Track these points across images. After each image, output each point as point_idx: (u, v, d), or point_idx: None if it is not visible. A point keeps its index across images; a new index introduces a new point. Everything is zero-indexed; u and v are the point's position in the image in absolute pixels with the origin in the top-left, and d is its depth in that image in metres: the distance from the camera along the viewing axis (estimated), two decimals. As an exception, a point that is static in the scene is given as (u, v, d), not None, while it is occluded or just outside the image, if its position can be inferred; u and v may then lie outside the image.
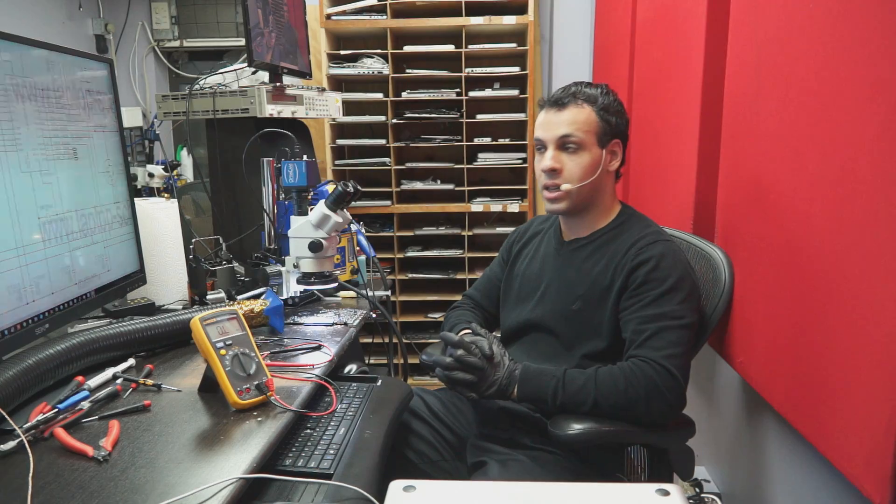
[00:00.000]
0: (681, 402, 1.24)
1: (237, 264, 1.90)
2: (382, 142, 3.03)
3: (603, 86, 1.42)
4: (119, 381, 1.22)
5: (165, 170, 2.52)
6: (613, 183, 1.44)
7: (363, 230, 2.07)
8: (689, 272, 1.34)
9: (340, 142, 3.08)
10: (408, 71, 3.03)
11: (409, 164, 3.07)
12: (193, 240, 1.85)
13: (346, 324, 1.63)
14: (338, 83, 3.14)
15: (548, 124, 1.38)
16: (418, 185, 3.07)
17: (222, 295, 1.73)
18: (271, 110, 2.02)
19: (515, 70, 2.95)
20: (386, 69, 2.95)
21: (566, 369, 1.27)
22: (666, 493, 0.84)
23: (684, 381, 1.24)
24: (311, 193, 1.76)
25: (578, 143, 1.35)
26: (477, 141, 3.01)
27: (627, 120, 1.43)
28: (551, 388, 1.25)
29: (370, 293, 1.78)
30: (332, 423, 1.22)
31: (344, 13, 2.95)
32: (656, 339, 1.24)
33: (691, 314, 1.29)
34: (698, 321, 1.34)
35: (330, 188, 1.63)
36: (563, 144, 1.36)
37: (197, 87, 2.13)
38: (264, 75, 2.15)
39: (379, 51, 2.97)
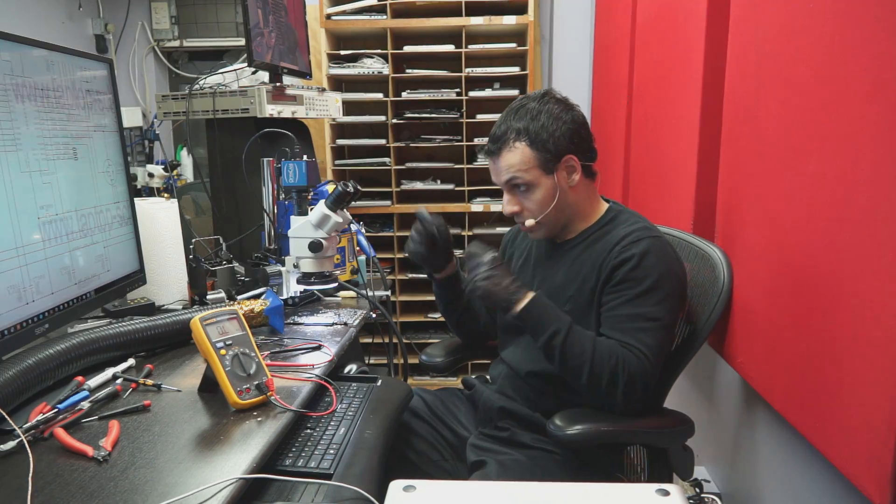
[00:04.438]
0: (645, 396, 1.25)
1: (237, 264, 1.90)
2: (382, 142, 3.03)
3: (535, 102, 1.35)
4: (119, 381, 1.22)
5: (165, 170, 2.52)
6: (589, 187, 1.40)
7: (363, 230, 2.07)
8: (673, 269, 1.32)
9: (340, 142, 3.08)
10: (408, 71, 3.03)
11: (409, 164, 3.07)
12: (193, 240, 1.85)
13: (346, 324, 1.63)
14: (338, 83, 3.14)
15: (492, 172, 1.39)
16: (418, 185, 3.07)
17: (222, 295, 1.73)
18: (271, 110, 2.02)
19: (515, 70, 2.95)
20: (386, 69, 2.95)
21: (571, 322, 1.26)
22: (666, 493, 0.84)
23: (652, 379, 1.24)
24: (311, 193, 1.76)
25: (525, 184, 1.34)
26: (477, 141, 3.00)
27: (573, 127, 1.34)
28: (554, 327, 1.24)
29: (370, 293, 1.78)
30: (332, 423, 1.22)
31: (344, 13, 2.95)
32: (629, 337, 1.24)
33: (669, 314, 1.29)
34: (679, 318, 1.35)
35: (330, 188, 1.63)
36: (513, 186, 1.36)
37: (197, 87, 2.13)
38: (264, 75, 2.16)
39: (379, 51, 2.97)
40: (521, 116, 1.34)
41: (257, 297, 1.69)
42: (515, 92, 2.96)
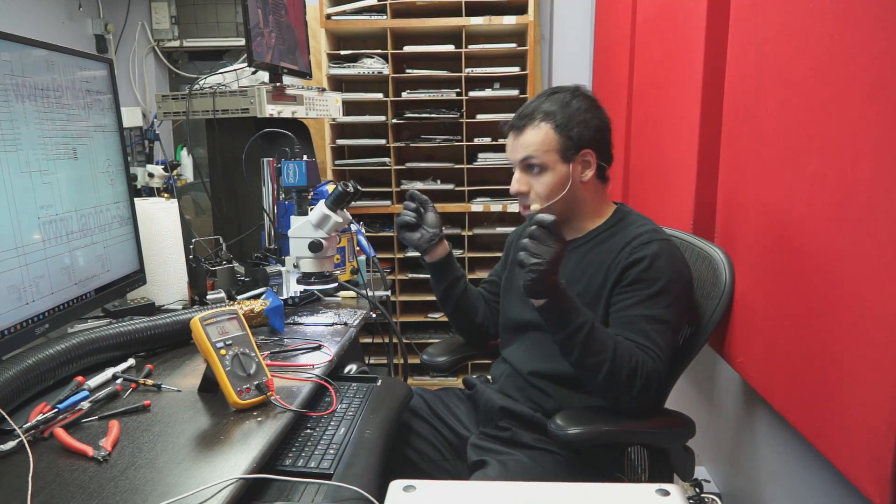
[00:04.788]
0: (656, 397, 1.26)
1: (237, 264, 1.90)
2: (382, 142, 3.03)
3: (568, 93, 1.37)
4: (119, 381, 1.22)
5: (165, 170, 2.52)
6: (599, 188, 1.41)
7: (363, 230, 2.07)
8: (682, 273, 1.33)
9: (340, 142, 3.08)
10: (408, 71, 3.03)
11: (409, 164, 3.07)
12: (193, 240, 1.85)
13: (346, 324, 1.63)
14: (338, 83, 3.14)
15: (510, 148, 1.40)
16: (418, 185, 3.07)
17: (222, 295, 1.73)
18: (271, 110, 2.02)
19: (515, 70, 2.95)
20: (386, 69, 2.95)
21: (594, 319, 1.23)
22: (666, 493, 0.84)
23: (663, 380, 1.24)
24: (311, 193, 1.76)
25: (540, 165, 1.35)
26: (477, 141, 3.01)
27: (599, 125, 1.36)
28: (578, 321, 1.20)
29: (370, 293, 1.78)
30: (332, 423, 1.22)
31: (344, 13, 2.95)
32: (643, 338, 1.24)
33: (676, 317, 1.29)
34: (685, 321, 1.35)
35: (330, 188, 1.63)
36: (527, 166, 1.37)
37: (197, 87, 2.13)
38: (264, 75, 2.16)
39: (379, 51, 2.97)
40: (553, 101, 1.37)
41: (257, 297, 1.69)
42: (515, 92, 2.96)
